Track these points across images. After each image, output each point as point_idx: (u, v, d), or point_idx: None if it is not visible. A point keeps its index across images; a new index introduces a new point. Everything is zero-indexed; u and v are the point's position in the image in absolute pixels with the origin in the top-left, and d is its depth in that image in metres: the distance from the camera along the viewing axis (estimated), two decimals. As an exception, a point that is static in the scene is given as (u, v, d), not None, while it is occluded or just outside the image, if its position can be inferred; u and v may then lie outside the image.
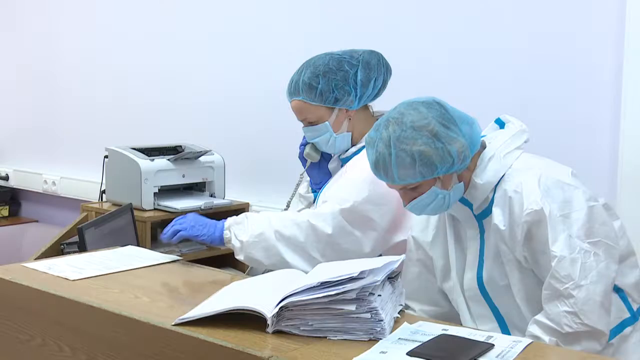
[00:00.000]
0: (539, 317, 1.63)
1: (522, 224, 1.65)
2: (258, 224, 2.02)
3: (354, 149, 2.15)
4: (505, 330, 1.77)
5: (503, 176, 1.72)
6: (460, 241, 1.84)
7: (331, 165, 2.22)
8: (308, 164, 2.23)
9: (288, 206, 2.32)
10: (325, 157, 2.23)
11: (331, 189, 2.12)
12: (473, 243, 1.79)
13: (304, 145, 2.23)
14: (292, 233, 2.00)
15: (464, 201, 1.76)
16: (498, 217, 1.70)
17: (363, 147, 2.10)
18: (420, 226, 1.93)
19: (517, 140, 1.77)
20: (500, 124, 1.84)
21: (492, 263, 1.75)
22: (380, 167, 1.69)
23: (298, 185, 2.33)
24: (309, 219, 2.01)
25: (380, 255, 2.06)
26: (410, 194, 1.72)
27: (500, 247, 1.72)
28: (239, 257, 2.03)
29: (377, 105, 2.21)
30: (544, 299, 1.63)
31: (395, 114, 1.70)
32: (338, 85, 2.07)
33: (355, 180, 2.04)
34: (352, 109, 2.11)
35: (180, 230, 2.02)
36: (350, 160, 2.14)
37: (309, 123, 2.13)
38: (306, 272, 1.94)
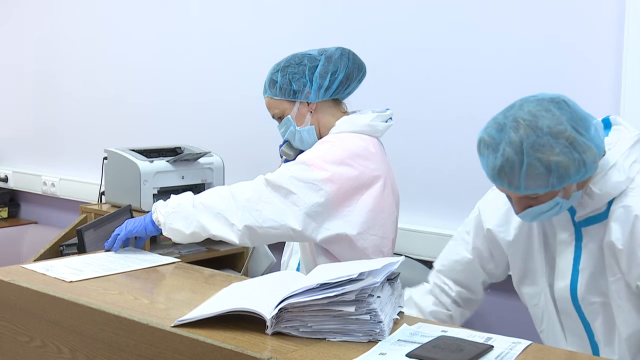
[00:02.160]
0: None
1: None
2: (178, 198, 2.06)
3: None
4: (595, 350, 1.68)
5: (625, 190, 1.57)
6: (548, 245, 1.73)
7: None
8: (283, 160, 2.27)
9: None
10: None
11: None
12: (566, 248, 1.68)
13: (283, 143, 2.27)
14: (213, 202, 2.00)
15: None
16: (616, 234, 1.57)
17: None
18: (497, 220, 1.81)
19: (637, 151, 1.61)
20: (607, 124, 1.69)
21: (589, 277, 1.64)
22: (504, 174, 1.52)
23: None
24: (230, 188, 2.02)
25: (320, 244, 2.03)
26: (528, 202, 1.58)
27: (609, 263, 1.60)
28: (164, 232, 2.04)
29: (377, 106, 2.22)
30: None
31: (526, 115, 1.52)
32: (295, 77, 2.12)
33: (291, 162, 2.05)
34: (310, 100, 2.14)
35: (118, 234, 2.05)
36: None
37: (278, 119, 2.19)
38: (225, 239, 1.97)
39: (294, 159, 2.22)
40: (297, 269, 2.26)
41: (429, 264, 2.73)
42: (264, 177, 2.00)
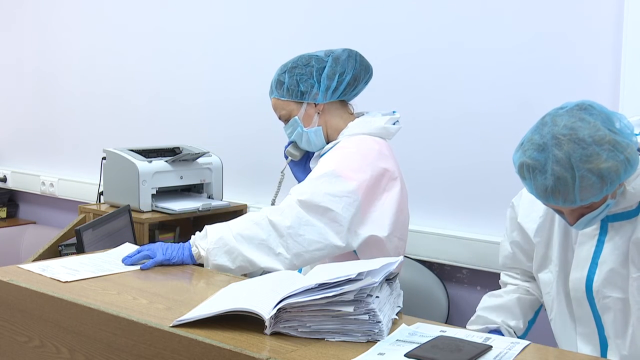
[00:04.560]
0: None
1: None
2: (217, 231, 1.99)
3: (330, 146, 2.17)
4: (604, 343, 1.70)
5: None
6: (569, 234, 1.74)
7: (312, 164, 2.24)
8: (288, 161, 2.28)
9: (273, 204, 2.33)
10: (310, 156, 2.27)
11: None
12: (587, 240, 1.69)
13: (288, 144, 2.28)
14: (253, 232, 1.97)
15: None
16: None
17: (338, 142, 2.14)
18: (524, 211, 1.83)
19: None
20: None
21: (609, 271, 1.65)
22: (558, 192, 1.51)
23: (280, 182, 2.35)
24: (267, 215, 1.98)
25: (355, 252, 2.05)
26: (581, 211, 1.57)
27: (634, 260, 1.61)
28: (208, 267, 1.98)
29: (378, 108, 2.22)
30: None
31: (564, 130, 1.50)
32: (303, 79, 2.13)
33: (316, 174, 2.03)
34: (318, 102, 2.14)
35: (151, 257, 1.93)
36: (323, 157, 2.15)
37: (285, 120, 2.19)
38: (273, 269, 1.94)
39: (303, 161, 2.23)
40: (300, 271, 2.26)
41: (428, 264, 2.74)
42: (296, 198, 1.98)
